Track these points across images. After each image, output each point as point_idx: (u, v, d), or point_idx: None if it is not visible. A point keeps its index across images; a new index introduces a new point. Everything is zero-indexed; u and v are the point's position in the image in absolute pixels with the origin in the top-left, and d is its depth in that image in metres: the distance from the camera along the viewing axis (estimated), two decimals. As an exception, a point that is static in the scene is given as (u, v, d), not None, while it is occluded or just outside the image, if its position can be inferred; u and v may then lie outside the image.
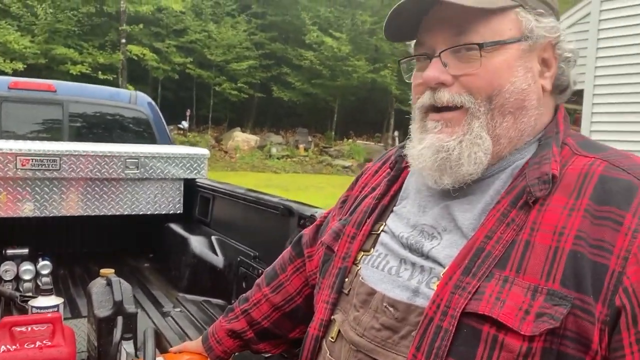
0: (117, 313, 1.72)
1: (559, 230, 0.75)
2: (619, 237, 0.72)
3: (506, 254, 0.76)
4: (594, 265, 0.71)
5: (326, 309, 0.97)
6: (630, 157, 0.82)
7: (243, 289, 2.47)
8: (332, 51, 22.24)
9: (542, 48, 0.86)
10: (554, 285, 0.72)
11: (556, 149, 0.83)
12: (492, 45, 0.82)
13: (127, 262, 3.27)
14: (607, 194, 0.75)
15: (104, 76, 19.51)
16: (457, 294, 0.76)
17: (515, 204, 0.80)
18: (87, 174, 2.97)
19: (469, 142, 0.83)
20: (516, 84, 0.83)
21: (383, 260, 0.92)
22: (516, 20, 0.84)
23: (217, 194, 3.02)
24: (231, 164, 19.47)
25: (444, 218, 0.87)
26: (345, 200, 1.15)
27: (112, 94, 3.85)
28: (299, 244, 1.28)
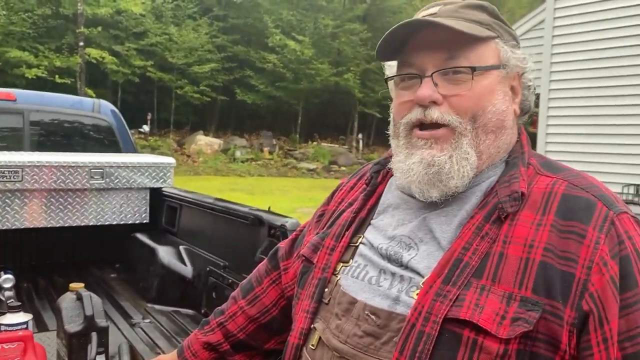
0: (89, 328, 1.71)
1: (529, 242, 0.82)
2: (583, 249, 0.80)
3: (482, 264, 0.83)
4: (562, 274, 0.79)
5: (306, 318, 1.01)
6: (585, 177, 0.91)
7: (213, 298, 2.48)
8: (295, 54, 22.27)
9: (512, 77, 0.96)
10: (526, 293, 0.79)
11: (523, 168, 0.91)
12: (482, 69, 0.91)
13: (93, 273, 3.23)
14: (570, 210, 0.83)
15: (61, 80, 19.02)
16: (439, 302, 0.82)
17: (489, 218, 0.87)
18: (51, 185, 2.92)
19: (458, 157, 0.90)
20: (497, 105, 0.92)
21: (362, 271, 0.96)
22: (496, 49, 0.93)
23: (184, 203, 3.02)
24: (194, 168, 19.25)
25: (421, 230, 0.93)
26: (322, 214, 1.19)
27: (75, 102, 3.79)
28: (275, 257, 1.31)
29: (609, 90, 6.45)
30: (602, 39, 6.51)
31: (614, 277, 0.79)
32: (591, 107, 6.65)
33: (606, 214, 0.83)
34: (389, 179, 1.08)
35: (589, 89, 6.67)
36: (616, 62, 6.38)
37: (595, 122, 6.61)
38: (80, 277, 3.13)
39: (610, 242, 0.80)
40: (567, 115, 6.95)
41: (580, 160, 6.73)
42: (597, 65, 6.58)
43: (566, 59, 6.93)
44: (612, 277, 0.79)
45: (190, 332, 2.35)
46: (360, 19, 25.48)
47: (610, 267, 0.79)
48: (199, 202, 2.83)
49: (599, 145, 6.57)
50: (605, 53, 6.50)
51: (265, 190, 15.04)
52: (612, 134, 6.43)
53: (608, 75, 6.46)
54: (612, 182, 6.39)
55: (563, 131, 6.99)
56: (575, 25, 6.83)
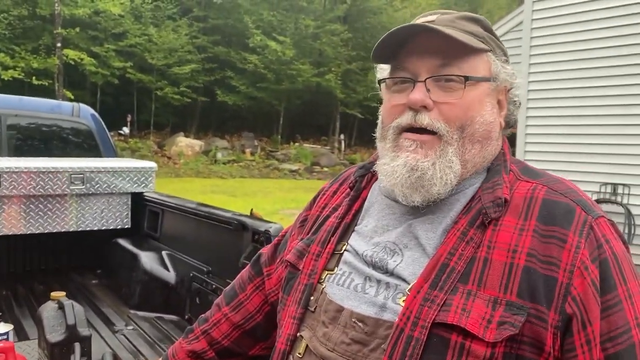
0: (71, 337, 1.70)
1: (512, 248, 0.85)
2: (564, 253, 0.83)
3: (467, 269, 0.85)
4: (545, 279, 0.82)
5: (293, 324, 1.01)
6: (563, 182, 0.94)
7: (197, 304, 2.47)
8: (276, 55, 22.23)
9: (500, 91, 0.98)
10: (511, 297, 0.81)
11: (505, 175, 0.94)
12: (474, 80, 0.93)
13: (74, 280, 3.19)
14: (551, 215, 0.86)
15: (38, 82, 18.73)
16: (427, 306, 0.84)
17: (473, 223, 0.89)
18: (30, 191, 2.88)
19: (442, 165, 0.92)
20: (485, 116, 0.94)
21: (348, 279, 0.97)
22: (488, 62, 0.96)
23: (167, 208, 3.00)
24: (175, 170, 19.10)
25: (406, 236, 0.95)
26: (304, 219, 1.19)
27: (54, 106, 3.74)
28: (257, 263, 1.31)
29: (587, 90, 6.56)
30: (580, 41, 6.62)
31: (595, 280, 0.81)
32: (569, 107, 6.75)
33: (585, 219, 0.86)
34: (373, 183, 1.09)
35: (566, 89, 6.77)
36: (593, 63, 6.49)
37: (573, 122, 6.72)
38: (61, 284, 3.10)
39: (589, 246, 0.83)
40: (545, 116, 7.04)
41: (559, 159, 6.83)
42: (574, 66, 6.68)
43: (544, 60, 7.03)
44: (592, 280, 0.81)
45: (174, 338, 2.34)
46: (341, 19, 25.53)
47: (591, 271, 0.82)
48: (182, 207, 2.81)
49: (576, 145, 6.67)
50: (582, 54, 6.60)
51: (247, 192, 14.99)
52: (590, 134, 6.54)
53: (585, 76, 6.57)
54: (590, 181, 6.49)
55: (542, 131, 7.09)
56: (554, 27, 6.93)
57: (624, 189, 6.26)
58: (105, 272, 3.24)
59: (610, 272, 0.83)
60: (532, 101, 7.19)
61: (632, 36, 6.14)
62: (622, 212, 6.22)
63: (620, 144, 6.26)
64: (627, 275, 0.84)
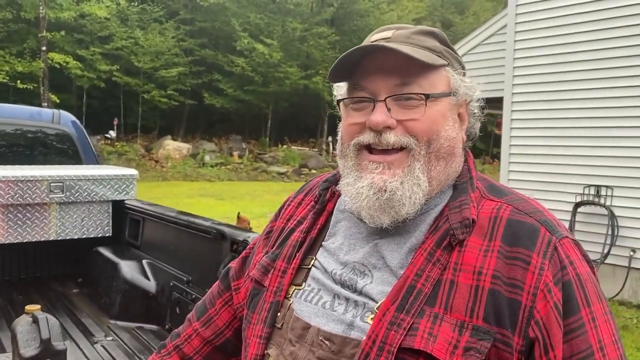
0: (45, 352, 1.68)
1: (477, 270, 0.83)
2: (528, 275, 0.81)
3: (434, 292, 0.83)
4: (509, 302, 0.80)
5: (260, 344, 0.99)
6: (528, 201, 0.92)
7: (177, 313, 2.45)
8: (263, 57, 22.21)
9: (460, 104, 0.96)
10: (477, 322, 0.80)
11: (472, 194, 0.91)
12: (435, 96, 0.91)
13: (54, 289, 3.16)
14: (515, 236, 0.84)
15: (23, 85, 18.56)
16: (393, 330, 0.82)
17: (440, 244, 0.87)
18: (8, 200, 2.85)
19: (410, 184, 0.89)
20: (448, 131, 0.92)
21: (316, 295, 0.95)
22: (446, 77, 0.94)
23: (147, 217, 2.98)
24: (162, 174, 19.01)
25: (373, 256, 0.93)
26: (270, 231, 1.16)
27: (33, 113, 3.70)
28: (226, 277, 1.29)
29: (570, 93, 6.61)
30: (563, 44, 6.68)
31: (557, 303, 0.80)
32: (553, 110, 6.80)
33: (549, 240, 0.84)
34: (338, 196, 1.06)
35: (550, 92, 6.83)
36: (576, 66, 6.55)
37: (557, 124, 6.77)
38: (41, 294, 3.06)
39: (553, 268, 0.82)
40: (530, 119, 7.09)
41: (543, 162, 6.88)
42: (557, 69, 6.74)
43: (528, 63, 7.08)
44: (555, 303, 0.80)
45: (153, 349, 2.31)
46: (328, 22, 25.57)
47: (554, 294, 0.80)
48: (162, 216, 2.79)
49: (560, 147, 6.72)
50: (565, 57, 6.66)
51: (235, 195, 14.94)
52: (574, 136, 6.59)
53: (568, 79, 6.62)
54: (574, 183, 6.55)
55: (526, 134, 7.13)
56: (537, 30, 6.98)
57: (607, 191, 6.31)
58: (86, 281, 3.21)
59: (574, 294, 0.81)
60: (516, 104, 7.24)
61: (614, 39, 6.20)
62: (605, 214, 6.28)
63: (604, 146, 6.32)
64: (591, 298, 0.83)
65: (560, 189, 6.72)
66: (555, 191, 6.76)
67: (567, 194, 6.61)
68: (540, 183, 6.91)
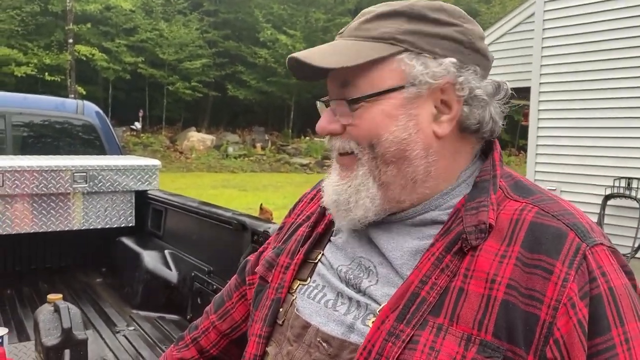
0: (66, 341, 1.68)
1: (491, 277, 0.74)
2: (550, 286, 0.71)
3: (440, 300, 0.76)
4: (525, 316, 0.71)
5: (259, 343, 0.95)
6: (558, 202, 0.81)
7: (198, 304, 2.45)
8: (286, 48, 22.16)
9: (439, 90, 0.82)
10: (486, 336, 0.71)
11: (494, 196, 0.81)
12: (366, 98, 0.82)
13: (78, 278, 3.19)
14: (537, 241, 0.75)
15: (51, 77, 18.89)
16: (391, 342, 0.75)
17: (450, 249, 0.78)
18: (33, 190, 2.87)
19: (355, 188, 0.84)
20: (395, 133, 0.81)
21: (320, 292, 0.90)
22: (397, 68, 0.81)
23: (170, 207, 2.98)
24: (187, 165, 19.19)
25: (374, 252, 0.87)
26: (282, 226, 1.13)
27: (58, 104, 3.73)
28: (243, 271, 1.27)
29: (600, 83, 6.44)
30: (593, 32, 6.49)
31: (582, 320, 0.70)
32: (582, 100, 6.64)
33: (578, 247, 0.73)
34: None
35: (579, 82, 6.65)
36: (607, 54, 6.37)
37: (586, 115, 6.60)
38: (65, 283, 3.10)
39: (580, 280, 0.71)
40: (558, 109, 6.93)
41: (572, 153, 6.72)
42: (587, 58, 6.56)
43: (557, 52, 6.91)
44: (579, 320, 0.70)
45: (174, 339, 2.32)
46: (351, 12, 25.38)
47: (578, 309, 0.70)
48: (184, 206, 2.79)
49: (590, 139, 6.56)
50: (595, 46, 6.48)
51: (258, 186, 15.00)
52: (604, 127, 6.42)
53: (599, 68, 6.45)
54: (604, 176, 6.38)
55: (554, 125, 6.97)
56: (566, 18, 6.80)
57: (638, 183, 6.14)
58: (109, 271, 3.24)
59: (604, 311, 0.71)
60: (543, 94, 7.08)
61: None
62: (636, 207, 6.11)
63: (634, 137, 6.14)
64: (627, 316, 0.71)
65: (589, 182, 6.56)
66: (584, 183, 6.60)
67: (597, 186, 6.46)
68: (569, 175, 6.76)
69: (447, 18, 0.83)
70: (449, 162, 0.85)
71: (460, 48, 0.83)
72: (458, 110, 0.82)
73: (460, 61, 0.82)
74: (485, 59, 0.85)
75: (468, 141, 0.86)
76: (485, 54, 0.85)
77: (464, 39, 0.83)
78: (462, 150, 0.86)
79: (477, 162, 0.89)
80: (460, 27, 0.83)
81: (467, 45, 0.83)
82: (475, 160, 0.88)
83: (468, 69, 0.82)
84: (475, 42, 0.84)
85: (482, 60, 0.84)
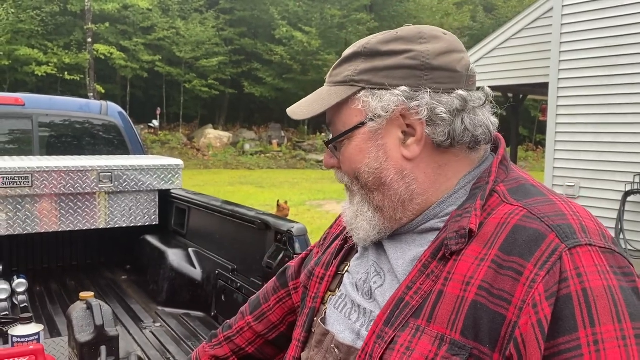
0: (99, 337, 1.74)
1: (467, 280, 0.77)
2: (518, 287, 0.72)
3: (422, 303, 0.80)
4: (492, 315, 0.73)
5: (297, 347, 1.04)
6: (556, 204, 0.81)
7: (222, 301, 2.50)
8: (302, 46, 22.21)
9: (399, 117, 0.86)
10: (455, 335, 0.75)
11: (480, 202, 0.83)
12: (338, 138, 0.91)
13: (104, 276, 3.26)
14: (514, 243, 0.76)
15: (70, 77, 19.15)
16: (378, 344, 0.82)
17: (435, 255, 0.82)
18: (60, 190, 2.95)
19: (355, 214, 0.94)
20: (370, 164, 0.89)
21: (342, 302, 0.97)
22: (358, 107, 0.88)
23: (193, 206, 3.04)
24: (204, 162, 19.33)
25: (385, 260, 0.93)
26: (326, 237, 1.19)
27: (82, 105, 3.81)
28: (283, 276, 1.32)
29: (619, 78, 6.37)
30: (612, 27, 6.43)
31: (543, 320, 0.70)
32: (601, 95, 6.57)
33: (555, 248, 0.73)
34: None
35: (598, 77, 6.59)
36: (626, 49, 6.30)
37: (605, 110, 6.53)
38: (91, 280, 3.18)
39: (549, 281, 0.71)
40: (576, 105, 6.87)
41: (591, 149, 6.67)
42: (606, 53, 6.49)
43: (575, 48, 6.85)
44: (539, 320, 0.70)
45: (200, 335, 2.38)
46: (367, 8, 25.32)
47: (540, 309, 0.70)
48: (207, 205, 2.84)
49: (610, 134, 6.50)
50: (614, 41, 6.41)
51: (275, 183, 15.07)
52: (623, 122, 6.35)
53: (618, 64, 6.38)
54: (624, 172, 6.32)
55: (573, 121, 6.92)
56: (585, 13, 6.74)
57: (660, 180, 6.07)
58: (134, 269, 3.31)
59: (571, 311, 0.69)
60: (562, 89, 7.03)
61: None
62: (657, 203, 6.05)
63: (656, 133, 6.08)
64: (602, 318, 0.69)
65: (608, 177, 6.51)
66: (604, 179, 6.55)
67: (616, 182, 6.40)
68: (588, 171, 6.71)
69: (400, 47, 0.86)
70: (433, 177, 0.88)
71: (414, 72, 0.85)
72: (421, 131, 0.86)
73: (412, 86, 0.84)
74: (449, 72, 0.85)
75: (454, 152, 0.88)
76: (447, 68, 0.85)
77: (416, 62, 0.85)
78: (449, 161, 0.88)
79: (485, 165, 0.91)
80: (412, 52, 0.85)
81: (421, 68, 0.85)
82: (482, 164, 0.91)
83: (424, 90, 0.84)
84: (431, 61, 0.85)
85: (444, 75, 0.85)
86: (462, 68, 0.87)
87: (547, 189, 0.87)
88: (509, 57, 8.60)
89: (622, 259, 0.76)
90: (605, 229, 0.80)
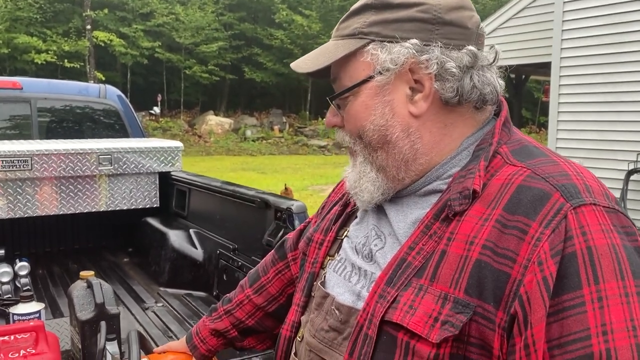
0: (99, 315, 1.74)
1: (470, 239, 0.77)
2: (523, 246, 0.72)
3: (425, 263, 0.80)
4: (496, 274, 0.73)
5: (297, 312, 1.04)
6: (560, 164, 0.81)
7: (224, 280, 2.51)
8: (302, 29, 22.07)
9: (407, 72, 0.85)
10: (459, 294, 0.75)
11: (483, 163, 0.82)
12: (344, 93, 0.88)
13: (106, 258, 3.27)
14: (518, 203, 0.76)
15: (70, 64, 19.08)
16: (380, 303, 0.81)
17: (438, 216, 0.82)
18: (60, 173, 2.94)
19: (358, 175, 0.92)
20: (375, 121, 0.87)
21: (342, 266, 0.97)
22: (367, 60, 0.86)
23: (193, 187, 3.03)
24: (206, 148, 19.32)
25: (386, 223, 0.93)
26: (324, 206, 1.19)
27: (81, 88, 3.79)
28: (282, 248, 1.32)
29: (622, 56, 6.31)
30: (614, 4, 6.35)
31: (548, 277, 0.70)
32: (604, 74, 6.52)
33: (560, 207, 0.73)
34: None
35: (601, 55, 6.53)
36: (629, 26, 6.23)
37: (608, 89, 6.49)
38: (93, 263, 3.18)
39: (554, 239, 0.71)
40: (579, 84, 6.82)
41: (594, 129, 6.63)
42: (609, 31, 6.43)
43: (578, 26, 6.78)
44: (545, 277, 0.70)
45: (202, 314, 2.38)
46: (367, -9, 25.08)
47: (546, 267, 0.70)
48: (207, 186, 2.84)
49: (612, 113, 6.46)
50: (617, 18, 6.34)
51: (277, 168, 15.07)
52: (626, 101, 6.31)
53: (621, 41, 6.31)
54: (626, 150, 6.29)
55: (576, 100, 6.87)
56: (587, -8, 6.66)
57: (663, 158, 6.05)
58: (136, 251, 3.32)
59: (576, 268, 0.69)
60: (564, 69, 6.97)
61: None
62: (660, 182, 6.03)
63: (659, 111, 6.03)
64: (606, 275, 0.69)
65: (611, 157, 6.48)
66: (606, 159, 6.52)
67: (619, 161, 6.37)
68: (590, 151, 6.68)
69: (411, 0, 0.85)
70: (438, 137, 0.87)
71: (426, 26, 0.84)
72: (430, 87, 0.84)
73: (423, 39, 0.83)
74: (460, 27, 0.85)
75: (460, 111, 0.87)
76: (459, 24, 0.84)
77: (428, 16, 0.83)
78: (455, 121, 0.88)
79: (488, 127, 0.90)
80: (424, 5, 0.84)
81: (433, 22, 0.84)
82: (485, 126, 0.90)
83: (435, 44, 0.83)
84: (443, 15, 0.84)
85: (455, 30, 0.84)
86: (472, 25, 0.86)
87: (549, 151, 0.86)
88: (510, 36, 8.52)
89: (625, 218, 0.76)
90: (608, 190, 0.80)
